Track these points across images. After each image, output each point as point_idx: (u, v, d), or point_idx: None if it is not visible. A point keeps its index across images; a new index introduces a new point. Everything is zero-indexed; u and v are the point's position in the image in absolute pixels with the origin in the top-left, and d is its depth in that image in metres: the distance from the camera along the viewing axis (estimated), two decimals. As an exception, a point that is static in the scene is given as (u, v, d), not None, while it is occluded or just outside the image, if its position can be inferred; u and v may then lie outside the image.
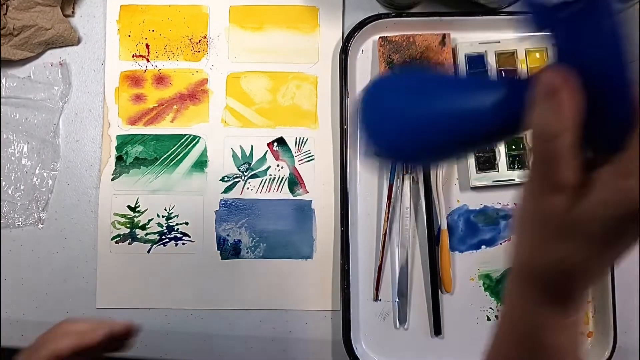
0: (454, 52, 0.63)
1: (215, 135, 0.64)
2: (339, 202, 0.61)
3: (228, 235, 0.63)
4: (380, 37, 0.63)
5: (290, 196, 0.63)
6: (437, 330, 0.60)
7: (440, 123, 0.33)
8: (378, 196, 0.63)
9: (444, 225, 0.61)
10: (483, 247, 0.63)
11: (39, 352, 0.45)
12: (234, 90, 0.64)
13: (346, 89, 0.62)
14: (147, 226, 0.63)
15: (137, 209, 0.63)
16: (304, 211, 0.63)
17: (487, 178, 0.62)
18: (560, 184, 0.28)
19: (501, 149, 0.62)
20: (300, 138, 0.64)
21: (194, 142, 0.64)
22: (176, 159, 0.64)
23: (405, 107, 0.34)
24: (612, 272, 0.61)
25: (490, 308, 0.62)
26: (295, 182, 0.63)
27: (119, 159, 0.63)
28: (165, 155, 0.63)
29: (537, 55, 0.63)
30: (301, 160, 0.64)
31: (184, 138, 0.64)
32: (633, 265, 0.63)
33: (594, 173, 0.28)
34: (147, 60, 0.65)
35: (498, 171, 0.62)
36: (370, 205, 0.63)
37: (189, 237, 0.63)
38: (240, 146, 0.64)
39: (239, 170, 0.63)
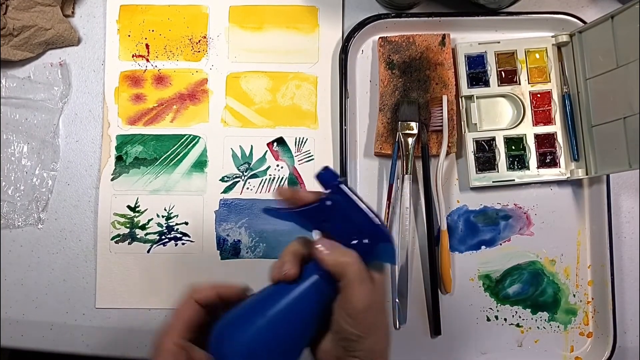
0: (454, 52, 0.63)
1: (215, 135, 0.64)
2: (339, 202, 0.61)
3: (228, 235, 0.63)
4: (380, 37, 0.63)
5: (290, 196, 0.63)
6: (436, 330, 0.60)
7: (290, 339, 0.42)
8: (378, 196, 0.63)
9: (444, 226, 0.61)
10: (483, 247, 0.63)
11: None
12: (233, 90, 0.64)
13: (346, 89, 0.62)
14: (147, 226, 0.63)
15: (137, 209, 0.63)
16: (304, 211, 0.63)
17: (487, 178, 0.62)
18: None
19: (501, 150, 0.62)
20: (300, 138, 0.64)
21: (193, 142, 0.64)
22: (176, 159, 0.64)
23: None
24: (612, 272, 0.61)
25: (490, 308, 0.62)
26: (295, 182, 0.63)
27: (118, 159, 0.63)
28: (165, 155, 0.63)
29: (537, 55, 0.63)
30: (301, 160, 0.64)
31: (184, 138, 0.64)
32: (633, 265, 0.63)
33: None
34: (147, 60, 0.65)
35: (498, 171, 0.62)
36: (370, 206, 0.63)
37: (189, 237, 0.63)
38: (240, 146, 0.64)
39: (239, 170, 0.63)
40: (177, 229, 0.63)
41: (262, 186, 0.63)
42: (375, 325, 0.42)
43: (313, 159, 0.64)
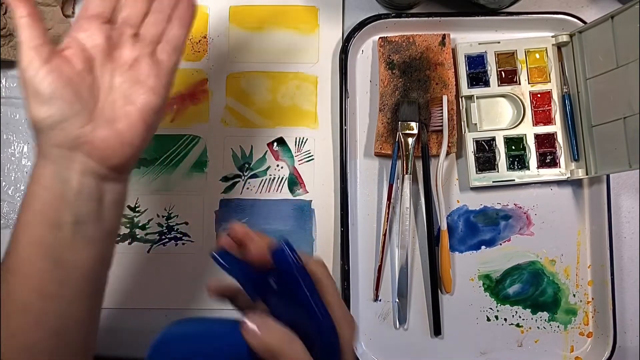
0: (454, 52, 0.63)
1: (215, 135, 0.64)
2: (339, 202, 0.61)
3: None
4: (380, 38, 0.63)
5: (290, 196, 0.63)
6: (436, 330, 0.61)
7: None
8: (378, 196, 0.63)
9: (444, 226, 0.61)
10: (483, 247, 0.63)
11: None
12: (233, 90, 0.64)
13: (346, 89, 0.62)
14: (147, 226, 0.63)
15: (137, 209, 0.63)
16: (304, 211, 0.63)
17: (487, 178, 0.62)
18: None
19: (501, 150, 0.62)
20: (300, 138, 0.64)
21: (193, 142, 0.64)
22: (176, 159, 0.64)
23: None
24: (612, 272, 0.61)
25: (490, 308, 0.62)
26: (295, 182, 0.63)
27: (118, 159, 0.63)
28: (165, 155, 0.63)
29: (537, 55, 0.63)
30: (301, 160, 0.64)
31: (184, 138, 0.64)
32: (633, 265, 0.63)
33: None
34: (147, 60, 0.65)
35: (498, 171, 0.62)
36: (370, 206, 0.63)
37: (189, 237, 0.63)
38: (240, 146, 0.64)
39: (239, 170, 0.63)
40: (177, 229, 0.63)
41: (262, 186, 0.63)
42: None
43: (313, 159, 0.64)
